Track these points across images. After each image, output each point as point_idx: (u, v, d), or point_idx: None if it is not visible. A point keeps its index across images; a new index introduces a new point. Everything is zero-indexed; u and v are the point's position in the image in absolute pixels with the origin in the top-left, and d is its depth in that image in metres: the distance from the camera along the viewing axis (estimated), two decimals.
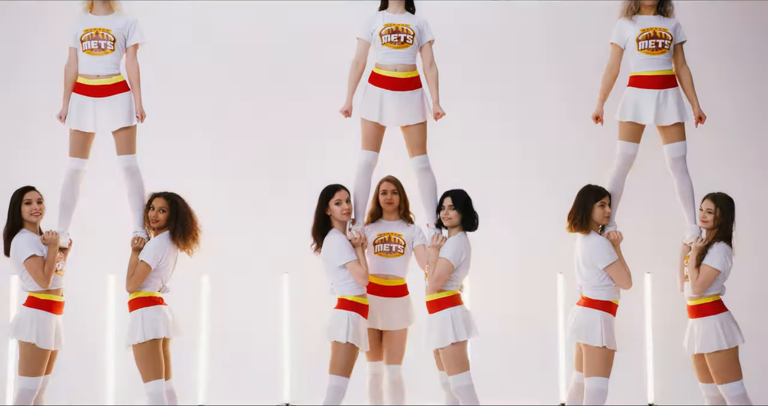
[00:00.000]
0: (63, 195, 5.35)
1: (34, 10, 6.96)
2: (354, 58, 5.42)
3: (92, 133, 5.36)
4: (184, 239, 5.25)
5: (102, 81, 5.32)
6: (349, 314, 5.15)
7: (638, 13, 5.41)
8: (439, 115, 5.40)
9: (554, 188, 6.40)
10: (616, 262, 5.18)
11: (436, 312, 5.19)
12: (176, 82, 6.87)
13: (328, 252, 5.21)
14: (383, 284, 5.40)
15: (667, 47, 5.37)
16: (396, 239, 5.45)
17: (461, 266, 5.21)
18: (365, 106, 5.38)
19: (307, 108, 6.98)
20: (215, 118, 7.03)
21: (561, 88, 7.01)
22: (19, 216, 5.18)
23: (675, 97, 5.36)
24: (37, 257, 5.14)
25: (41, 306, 5.18)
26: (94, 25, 5.32)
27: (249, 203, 6.89)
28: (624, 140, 5.41)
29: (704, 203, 5.21)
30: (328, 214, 5.26)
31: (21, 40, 6.96)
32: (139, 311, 5.17)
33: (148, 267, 5.18)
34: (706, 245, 5.18)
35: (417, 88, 5.40)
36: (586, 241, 5.24)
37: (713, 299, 5.19)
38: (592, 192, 5.27)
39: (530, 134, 7.07)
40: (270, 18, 7.08)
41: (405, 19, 5.39)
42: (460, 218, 5.23)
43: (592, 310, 5.17)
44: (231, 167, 6.96)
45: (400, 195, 5.51)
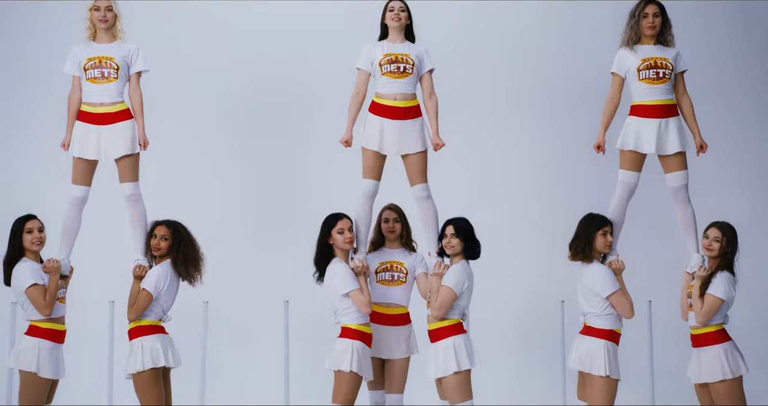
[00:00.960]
0: (65, 222, 5.35)
1: (37, 39, 7.01)
2: (354, 89, 5.44)
3: (95, 160, 5.36)
4: (186, 267, 5.24)
5: (105, 109, 5.33)
6: (353, 342, 5.13)
7: (639, 42, 5.44)
8: (438, 146, 5.42)
9: (556, 217, 6.41)
10: (618, 291, 5.17)
11: (439, 341, 5.17)
12: (179, 109, 6.91)
13: (331, 281, 5.19)
14: (385, 313, 5.38)
15: (668, 77, 5.40)
16: (398, 268, 5.44)
17: (464, 294, 5.20)
18: (366, 136, 5.39)
19: (308, 137, 7.01)
20: (218, 146, 7.06)
21: (562, 117, 7.05)
22: (20, 245, 5.17)
23: (676, 126, 5.38)
24: (38, 286, 5.12)
25: (43, 335, 5.15)
26: (97, 53, 5.34)
27: (251, 231, 6.89)
28: (625, 169, 5.42)
29: (711, 230, 5.20)
30: (331, 243, 5.25)
31: (25, 68, 7.00)
32: (139, 340, 5.14)
33: (150, 296, 5.17)
34: (709, 274, 5.17)
35: (417, 117, 5.41)
36: (587, 269, 5.23)
37: (717, 328, 5.17)
38: (594, 221, 5.27)
39: (532, 163, 7.09)
40: (271, 48, 7.13)
41: (404, 49, 5.42)
42: (462, 246, 5.22)
43: (596, 339, 5.16)
44: (233, 194, 6.98)
45: (402, 223, 5.51)
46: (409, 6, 5.45)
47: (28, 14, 7.07)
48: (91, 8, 5.35)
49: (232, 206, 6.95)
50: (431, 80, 5.45)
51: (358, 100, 5.43)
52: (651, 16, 5.39)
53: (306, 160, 6.99)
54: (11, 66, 7.05)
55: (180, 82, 6.97)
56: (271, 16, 7.19)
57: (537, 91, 7.17)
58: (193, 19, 7.15)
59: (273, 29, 7.17)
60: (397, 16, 5.41)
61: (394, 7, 5.43)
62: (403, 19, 5.43)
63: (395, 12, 5.41)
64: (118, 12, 5.39)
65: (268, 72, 7.13)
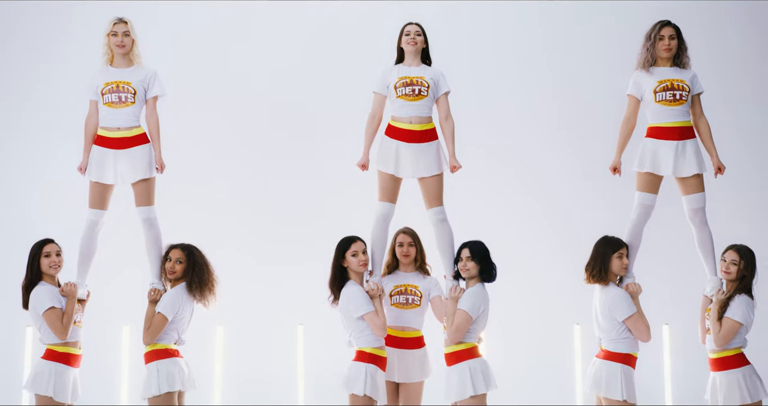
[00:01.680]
0: (82, 246, 5.37)
1: (53, 65, 7.06)
2: (370, 112, 5.46)
3: (112, 184, 5.39)
4: (201, 290, 5.25)
5: (122, 133, 5.36)
6: (367, 366, 5.10)
7: (654, 64, 5.44)
8: (455, 169, 5.42)
9: (572, 239, 6.38)
10: (635, 314, 5.14)
11: (455, 364, 5.14)
12: (195, 133, 6.93)
13: (346, 304, 5.18)
14: (400, 336, 5.35)
15: (684, 98, 5.39)
16: (412, 291, 5.42)
17: (480, 317, 5.17)
18: (381, 158, 5.40)
19: (324, 159, 7.02)
20: (233, 169, 7.07)
21: (578, 140, 7.04)
22: (38, 269, 5.19)
23: (693, 148, 5.37)
24: (55, 309, 5.13)
25: (59, 359, 5.16)
26: (114, 78, 5.38)
27: (264, 254, 6.89)
28: (642, 191, 5.40)
29: (728, 253, 5.18)
30: (345, 265, 5.24)
31: (43, 93, 7.04)
32: (155, 364, 5.14)
33: (165, 319, 5.17)
34: (727, 297, 5.14)
35: (433, 140, 5.41)
36: (604, 293, 5.21)
37: (736, 352, 5.14)
38: (610, 243, 5.25)
39: (548, 185, 7.08)
40: (288, 71, 7.17)
41: (420, 72, 5.43)
42: (478, 269, 5.20)
43: (612, 363, 5.13)
44: (248, 218, 6.98)
45: (417, 247, 5.49)
46: (425, 30, 5.48)
47: (45, 42, 7.12)
48: (108, 34, 5.40)
49: (247, 229, 6.96)
50: (448, 103, 5.46)
51: (374, 125, 5.44)
52: (667, 38, 5.39)
53: (322, 182, 7.00)
54: (31, 90, 7.10)
55: (196, 104, 7.00)
56: (288, 40, 7.22)
57: (553, 114, 7.17)
58: (209, 42, 7.20)
59: (289, 51, 7.20)
60: (413, 40, 5.43)
61: (410, 31, 5.46)
62: (419, 42, 5.45)
63: (411, 36, 5.44)
64: (135, 37, 5.43)
65: (285, 94, 7.15)
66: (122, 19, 5.41)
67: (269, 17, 7.23)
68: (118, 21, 5.40)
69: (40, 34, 7.13)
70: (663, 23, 5.42)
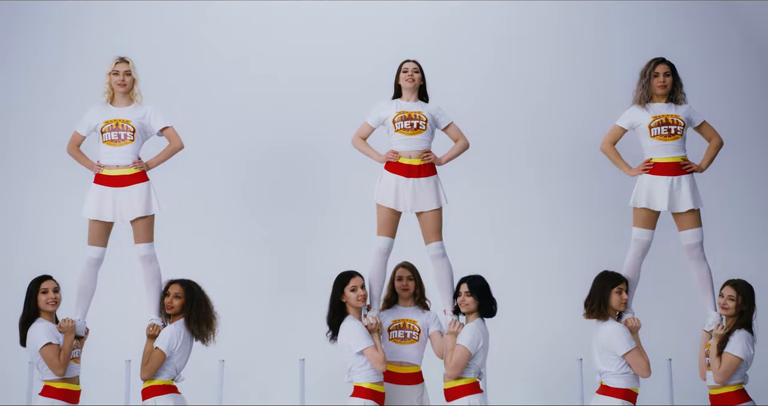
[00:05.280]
0: (81, 283, 5.40)
1: (56, 103, 7.14)
2: (355, 134, 5.53)
3: (111, 222, 5.42)
4: (199, 325, 5.26)
5: (121, 171, 5.41)
6: (366, 402, 5.09)
7: (650, 101, 5.47)
8: (429, 155, 5.40)
9: (572, 274, 6.37)
10: (635, 349, 5.12)
11: (455, 400, 5.12)
12: (193, 168, 6.95)
13: (345, 339, 5.18)
14: (398, 371, 5.34)
15: (680, 133, 5.41)
16: (411, 326, 5.42)
17: (479, 352, 5.16)
18: (381, 193, 5.43)
19: (322, 194, 7.05)
20: (231, 204, 7.11)
21: (578, 174, 7.05)
22: (35, 305, 5.21)
23: (689, 183, 5.37)
24: (52, 345, 5.15)
25: (58, 395, 5.17)
26: (114, 116, 5.44)
27: (265, 289, 6.90)
28: (639, 227, 5.40)
29: (725, 289, 5.16)
30: (343, 300, 5.25)
31: (44, 130, 7.11)
32: (153, 400, 5.16)
33: (163, 355, 5.18)
34: (727, 332, 5.11)
35: (432, 174, 5.44)
36: (603, 327, 5.19)
37: (737, 388, 5.10)
38: (609, 278, 5.24)
39: (547, 219, 7.08)
40: (286, 107, 7.23)
41: (418, 107, 5.48)
42: (477, 304, 5.20)
43: (612, 399, 5.10)
44: (247, 253, 7.00)
45: (416, 281, 5.50)
46: (422, 67, 5.53)
47: (51, 80, 7.22)
48: (110, 72, 5.46)
49: (246, 264, 6.97)
50: (456, 129, 5.53)
51: (358, 140, 5.51)
52: (662, 75, 5.42)
53: (320, 217, 7.02)
54: (32, 127, 7.18)
55: (194, 140, 7.03)
56: (286, 76, 7.28)
57: (553, 148, 7.18)
58: (207, 78, 7.26)
59: (288, 87, 7.25)
60: (411, 76, 5.49)
61: (407, 68, 5.51)
62: (416, 79, 5.50)
63: (409, 73, 5.49)
64: (136, 76, 5.49)
65: (283, 130, 7.19)
66: (124, 58, 5.48)
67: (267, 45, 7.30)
68: (119, 60, 5.47)
69: (45, 70, 7.23)
70: (658, 60, 5.46)
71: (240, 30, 7.32)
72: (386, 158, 5.42)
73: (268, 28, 7.34)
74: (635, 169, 5.43)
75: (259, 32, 7.32)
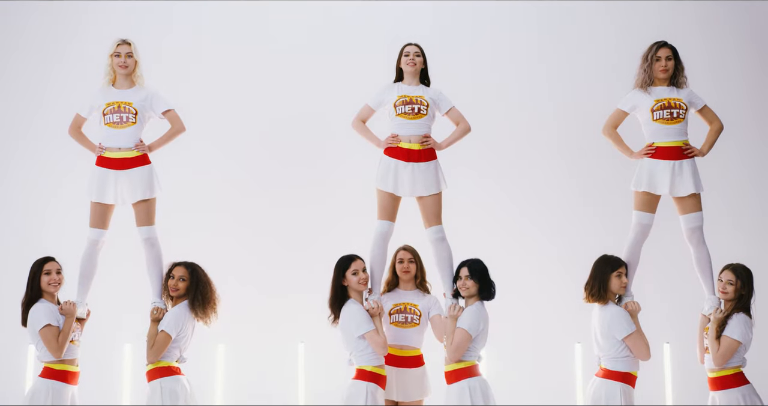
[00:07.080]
0: (83, 265, 5.40)
1: (56, 87, 7.12)
2: (355, 117, 5.51)
3: (112, 205, 5.42)
4: (203, 308, 5.28)
5: (123, 154, 5.40)
6: (368, 384, 5.11)
7: (652, 85, 5.48)
8: (428, 140, 5.40)
9: (571, 258, 6.39)
10: (634, 333, 5.15)
11: (454, 383, 5.14)
12: (195, 152, 6.96)
13: (347, 323, 5.20)
14: (399, 355, 5.36)
15: (682, 117, 5.42)
16: (411, 310, 5.44)
17: (479, 336, 5.18)
18: (380, 177, 5.43)
19: (323, 179, 7.05)
20: (233, 188, 7.10)
21: (576, 159, 7.07)
22: (38, 286, 5.22)
23: (690, 167, 5.39)
24: (52, 327, 5.15)
25: (57, 377, 5.18)
26: (116, 98, 5.42)
27: (265, 272, 6.91)
28: (639, 210, 5.43)
29: (724, 273, 5.19)
30: (345, 284, 5.26)
31: (44, 109, 7.09)
32: (158, 381, 5.17)
33: (169, 337, 5.20)
34: (725, 316, 5.14)
35: (432, 159, 5.45)
36: (603, 311, 5.22)
37: (735, 371, 5.13)
38: (609, 262, 5.26)
39: (546, 204, 7.10)
40: (290, 88, 7.22)
41: (419, 91, 5.48)
42: (477, 287, 5.22)
43: (612, 381, 5.13)
44: (248, 237, 7.01)
45: (417, 264, 5.51)
46: (424, 51, 5.52)
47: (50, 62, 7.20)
48: (111, 54, 5.44)
49: (247, 247, 6.98)
50: (458, 113, 5.52)
51: (358, 123, 5.49)
52: (664, 59, 5.43)
53: (321, 201, 7.02)
54: (33, 112, 7.16)
55: (197, 123, 7.03)
56: (291, 62, 7.26)
57: (550, 133, 7.20)
58: (213, 62, 7.25)
59: (291, 72, 7.24)
60: (412, 60, 5.49)
61: (409, 52, 5.51)
62: (418, 63, 5.50)
63: (410, 57, 5.49)
64: (138, 58, 5.47)
65: (286, 114, 7.19)
66: (126, 40, 5.46)
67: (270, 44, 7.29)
68: (121, 42, 5.45)
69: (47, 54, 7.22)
70: (660, 44, 5.46)
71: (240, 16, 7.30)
72: (386, 144, 5.43)
73: (268, 12, 7.32)
74: (637, 153, 5.45)
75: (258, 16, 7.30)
